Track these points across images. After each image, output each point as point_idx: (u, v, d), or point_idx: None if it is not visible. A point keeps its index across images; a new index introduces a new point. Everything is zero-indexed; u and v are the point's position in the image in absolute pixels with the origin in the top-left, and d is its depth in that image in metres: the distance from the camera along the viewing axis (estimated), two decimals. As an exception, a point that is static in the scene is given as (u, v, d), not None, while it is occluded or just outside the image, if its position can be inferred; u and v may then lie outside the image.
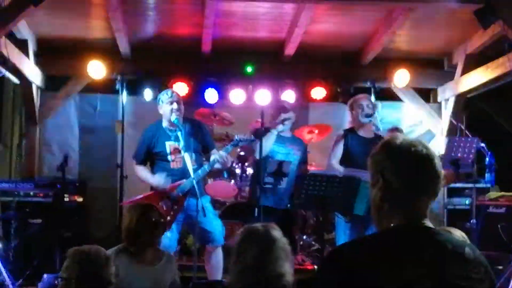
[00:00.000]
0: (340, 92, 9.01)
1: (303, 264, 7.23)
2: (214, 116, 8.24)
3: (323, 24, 7.86)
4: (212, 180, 7.75)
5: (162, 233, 4.50)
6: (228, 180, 7.86)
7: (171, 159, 5.96)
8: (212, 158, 6.00)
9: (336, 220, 6.10)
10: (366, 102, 6.19)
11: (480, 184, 7.54)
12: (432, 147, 2.06)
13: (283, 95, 8.63)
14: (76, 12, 7.59)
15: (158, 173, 5.96)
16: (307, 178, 5.57)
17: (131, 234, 4.23)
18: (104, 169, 8.86)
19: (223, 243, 6.07)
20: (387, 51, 8.62)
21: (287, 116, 6.43)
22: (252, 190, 6.98)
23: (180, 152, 5.90)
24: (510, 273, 5.99)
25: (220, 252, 6.03)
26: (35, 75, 8.48)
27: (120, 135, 7.51)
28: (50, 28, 8.19)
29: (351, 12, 7.59)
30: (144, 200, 5.71)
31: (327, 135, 8.18)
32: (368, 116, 6.10)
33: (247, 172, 7.89)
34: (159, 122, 6.14)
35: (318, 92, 8.97)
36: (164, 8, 7.57)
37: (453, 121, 8.60)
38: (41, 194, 7.58)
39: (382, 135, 6.09)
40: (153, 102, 6.27)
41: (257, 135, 6.35)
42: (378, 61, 8.91)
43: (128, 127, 8.04)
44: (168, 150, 5.97)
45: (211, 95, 8.72)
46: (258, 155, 6.30)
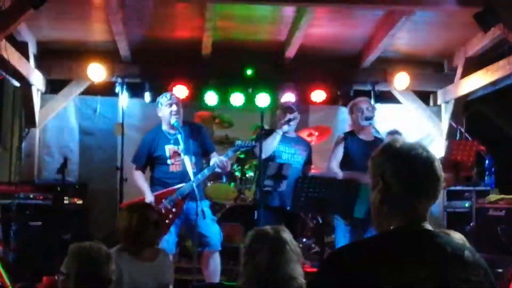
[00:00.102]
0: (340, 95, 9.03)
1: (303, 267, 7.20)
2: (214, 119, 8.25)
3: (323, 27, 7.87)
4: (212, 183, 7.75)
5: (162, 232, 4.49)
6: (228, 183, 7.86)
7: (170, 162, 5.95)
8: (212, 162, 5.99)
9: (335, 222, 6.09)
10: (366, 105, 6.19)
11: (480, 187, 7.57)
12: (432, 150, 2.04)
13: (283, 98, 8.62)
14: (76, 15, 7.61)
15: (158, 178, 6.00)
16: (307, 180, 5.57)
17: (131, 234, 4.21)
18: (103, 172, 8.86)
19: (220, 249, 6.06)
20: (387, 54, 8.64)
21: (292, 117, 6.43)
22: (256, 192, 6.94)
23: (180, 155, 5.88)
24: (509, 276, 6.00)
25: (217, 257, 6.01)
26: (35, 78, 8.49)
27: (119, 137, 7.52)
28: (50, 31, 8.21)
29: (351, 15, 7.63)
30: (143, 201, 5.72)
31: (326, 137, 8.19)
32: (368, 119, 6.10)
33: (247, 175, 7.89)
34: (158, 126, 6.14)
35: (318, 95, 9.01)
36: (164, 11, 7.57)
37: (453, 124, 8.62)
38: (41, 197, 7.61)
39: (382, 138, 6.10)
40: (153, 105, 6.26)
41: (261, 136, 6.35)
42: (378, 64, 8.93)
43: (128, 130, 8.03)
44: (168, 153, 5.95)
45: (211, 97, 8.75)
46: (259, 158, 6.30)
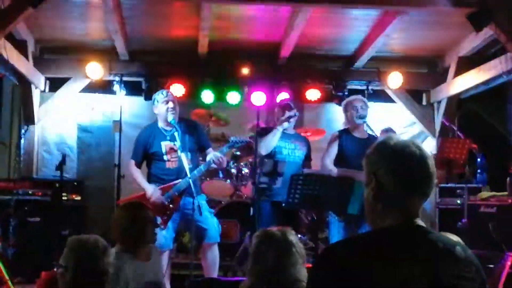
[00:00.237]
0: (334, 94, 9.09)
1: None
2: (210, 116, 8.32)
3: (318, 26, 7.91)
4: (208, 179, 7.81)
5: (155, 228, 4.49)
6: (224, 179, 7.93)
7: (166, 158, 5.98)
8: (208, 158, 6.02)
9: (330, 219, 6.13)
10: (360, 103, 6.24)
11: (472, 184, 7.64)
12: (424, 147, 2.06)
13: (278, 97, 8.68)
14: (75, 14, 7.64)
15: (154, 174, 6.04)
16: (302, 177, 5.63)
17: (131, 234, 4.19)
18: (101, 169, 8.95)
19: (219, 241, 6.12)
20: (381, 53, 8.71)
21: (291, 114, 6.50)
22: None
23: (176, 151, 5.91)
24: (500, 272, 6.09)
25: (216, 249, 6.07)
26: (33, 76, 8.53)
27: (117, 135, 7.58)
28: (49, 30, 8.25)
29: (346, 15, 7.68)
30: (141, 198, 5.71)
31: (321, 137, 8.24)
32: (362, 117, 6.15)
33: (243, 172, 7.96)
34: (154, 123, 6.18)
35: (312, 94, 9.07)
36: (161, 10, 7.60)
37: (446, 122, 8.67)
38: (40, 193, 7.65)
39: (376, 136, 6.17)
40: (151, 103, 6.32)
41: (261, 134, 6.43)
42: (372, 63, 9.01)
43: (126, 127, 8.11)
44: (164, 150, 5.98)
45: (208, 96, 8.81)
46: (258, 154, 6.38)
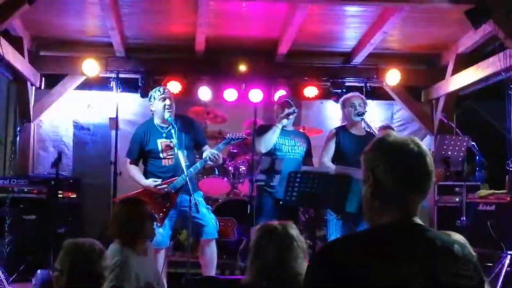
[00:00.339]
0: (332, 91, 9.05)
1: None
2: (207, 114, 8.29)
3: (316, 23, 7.89)
4: (205, 177, 7.78)
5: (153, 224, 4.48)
6: (221, 177, 7.90)
7: (163, 156, 5.97)
8: (204, 155, 6.02)
9: (327, 217, 6.13)
10: (358, 100, 6.22)
11: (471, 182, 7.63)
12: (423, 145, 2.04)
13: (276, 94, 8.65)
14: (71, 10, 7.61)
15: (150, 171, 6.01)
16: (299, 175, 5.61)
17: (130, 229, 4.18)
18: (97, 166, 8.90)
19: (217, 237, 6.10)
20: (379, 50, 8.67)
21: (290, 111, 6.48)
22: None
23: (172, 149, 5.90)
24: (499, 270, 6.07)
25: (214, 245, 6.04)
26: (29, 73, 8.48)
27: (114, 132, 7.54)
28: (45, 26, 8.21)
29: (344, 11, 7.65)
30: (138, 195, 5.69)
31: (318, 134, 8.21)
32: (360, 114, 6.13)
33: (240, 170, 7.93)
34: (150, 120, 6.15)
35: (310, 91, 9.03)
36: (158, 7, 7.56)
37: (444, 119, 8.66)
38: (35, 191, 7.64)
39: (374, 133, 6.15)
40: (147, 100, 6.28)
41: (260, 131, 6.41)
42: (370, 60, 8.97)
43: (122, 125, 8.08)
44: (160, 147, 5.97)
45: (205, 93, 8.78)
46: (257, 152, 6.37)
